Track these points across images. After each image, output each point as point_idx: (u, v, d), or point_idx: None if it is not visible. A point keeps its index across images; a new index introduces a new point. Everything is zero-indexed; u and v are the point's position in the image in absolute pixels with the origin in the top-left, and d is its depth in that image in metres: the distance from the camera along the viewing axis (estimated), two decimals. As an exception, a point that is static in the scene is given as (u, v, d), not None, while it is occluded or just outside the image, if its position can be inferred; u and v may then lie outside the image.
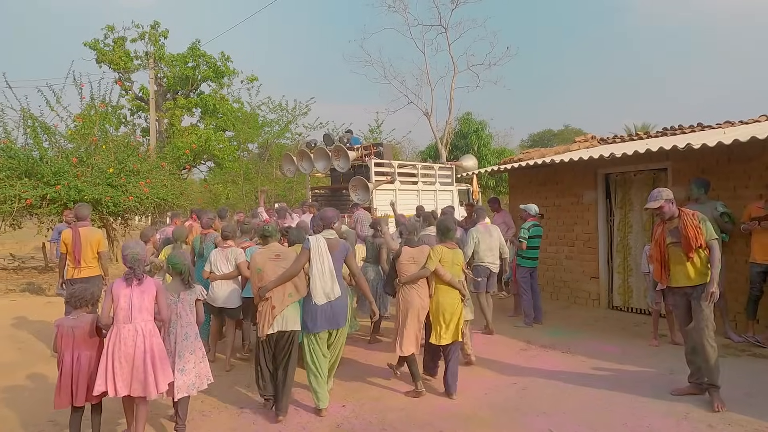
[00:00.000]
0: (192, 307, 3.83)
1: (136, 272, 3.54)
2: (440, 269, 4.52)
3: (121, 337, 3.44)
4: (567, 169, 7.78)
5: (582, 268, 7.80)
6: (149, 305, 3.56)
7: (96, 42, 22.42)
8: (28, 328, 7.33)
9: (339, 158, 9.56)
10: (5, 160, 11.24)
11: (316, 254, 4.12)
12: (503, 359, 5.54)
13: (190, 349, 3.75)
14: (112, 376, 3.41)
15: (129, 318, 3.48)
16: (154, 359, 3.50)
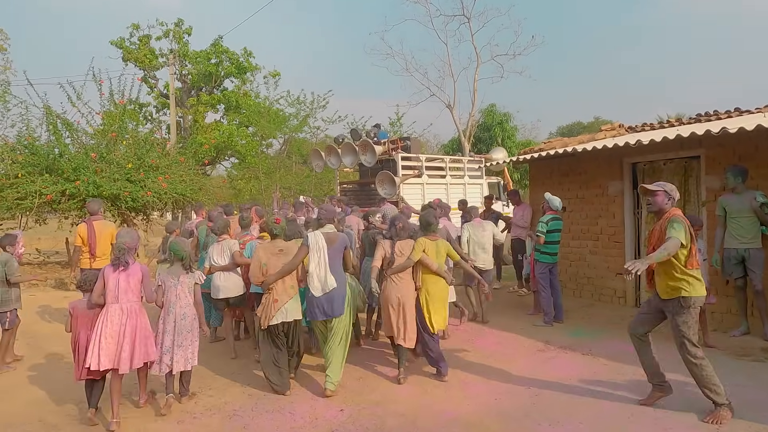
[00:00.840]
0: (191, 290, 4.21)
1: (120, 259, 3.92)
2: (426, 259, 4.70)
3: (109, 315, 3.86)
4: (591, 158, 7.32)
5: (607, 264, 7.34)
6: (135, 288, 3.96)
7: (122, 40, 22.77)
8: (40, 323, 7.35)
9: (366, 153, 9.60)
10: (27, 156, 11.40)
11: (315, 250, 4.38)
12: (518, 360, 5.19)
13: (187, 328, 4.14)
14: (98, 351, 3.77)
15: (116, 298, 3.89)
16: (136, 336, 3.90)
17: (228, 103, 22.68)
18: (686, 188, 6.56)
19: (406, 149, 9.78)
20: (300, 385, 4.66)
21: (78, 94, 12.86)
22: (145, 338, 3.96)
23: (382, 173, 9.22)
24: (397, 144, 9.82)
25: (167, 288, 4.17)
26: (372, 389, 4.56)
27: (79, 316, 3.99)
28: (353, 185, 11.20)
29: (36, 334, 6.74)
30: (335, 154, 10.18)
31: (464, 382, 4.66)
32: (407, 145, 9.85)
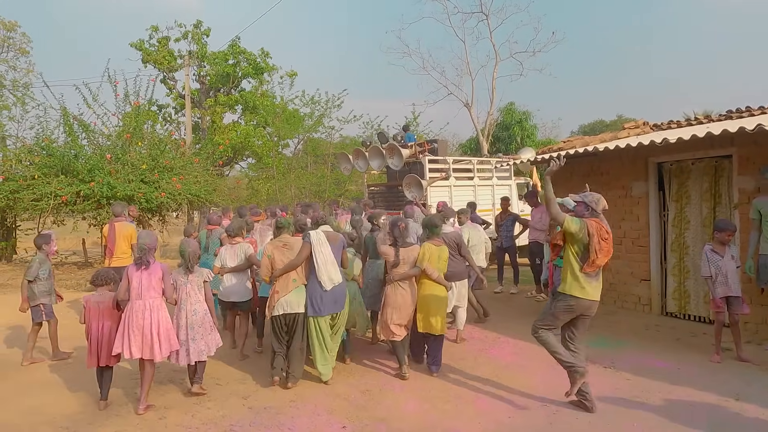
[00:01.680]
0: (200, 287, 4.48)
1: (142, 258, 4.26)
2: (428, 268, 4.78)
3: (134, 310, 4.20)
4: (614, 157, 6.95)
5: (630, 269, 6.95)
6: (156, 285, 4.29)
7: (141, 42, 22.96)
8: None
9: (393, 156, 9.66)
10: (44, 158, 11.48)
11: (317, 246, 4.58)
12: (535, 374, 4.89)
13: (198, 323, 4.39)
14: (127, 342, 4.16)
15: (140, 295, 4.22)
16: (160, 329, 4.22)
17: (245, 103, 22.69)
18: (716, 189, 6.16)
19: (434, 152, 9.80)
20: (301, 398, 4.45)
21: (94, 95, 12.94)
22: (168, 330, 4.30)
23: (409, 176, 9.27)
24: (424, 146, 9.83)
25: (179, 286, 4.45)
26: (377, 403, 4.31)
27: (91, 308, 4.38)
28: (380, 187, 11.28)
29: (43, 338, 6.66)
30: (363, 158, 10.26)
31: (476, 396, 4.39)
32: (434, 148, 9.86)
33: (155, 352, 4.19)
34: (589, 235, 3.88)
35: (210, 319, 4.48)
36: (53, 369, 5.42)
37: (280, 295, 4.59)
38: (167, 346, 4.26)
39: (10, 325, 7.37)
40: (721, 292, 4.93)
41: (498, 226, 8.80)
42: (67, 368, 5.41)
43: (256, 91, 22.83)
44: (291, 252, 4.67)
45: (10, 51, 22.03)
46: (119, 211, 6.77)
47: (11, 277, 11.10)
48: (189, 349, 4.35)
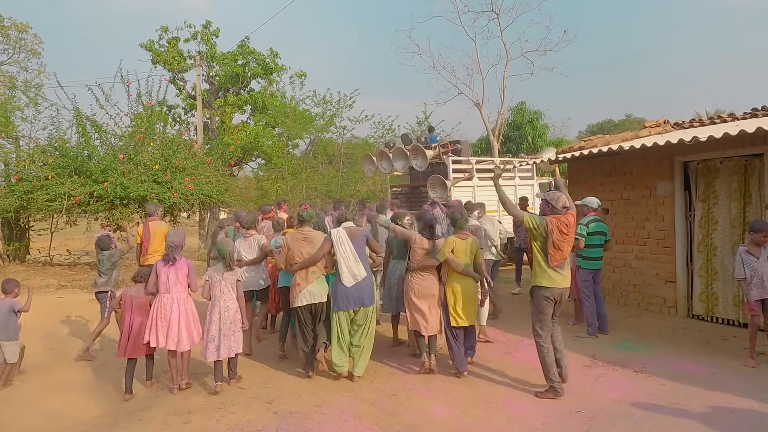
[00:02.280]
0: (233, 286, 4.64)
1: (170, 255, 4.61)
2: (452, 260, 4.77)
3: (162, 303, 4.55)
4: (637, 157, 6.81)
5: (655, 271, 6.81)
6: (182, 280, 4.63)
7: (151, 43, 22.98)
8: (66, 326, 7.24)
9: (417, 157, 9.85)
10: (57, 158, 11.47)
11: (338, 242, 4.67)
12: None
13: (230, 319, 4.56)
14: (155, 331, 4.50)
15: (167, 289, 4.57)
16: (188, 320, 4.58)
17: (255, 103, 22.66)
18: (746, 189, 6.01)
19: (457, 152, 9.93)
20: (327, 403, 4.35)
21: (107, 96, 12.92)
22: (194, 322, 4.65)
23: (433, 177, 9.37)
24: (447, 147, 10.02)
25: (213, 283, 4.62)
26: (405, 408, 4.21)
27: (127, 302, 4.69)
28: (404, 188, 11.47)
29: (61, 339, 6.62)
30: (387, 159, 10.42)
31: (507, 401, 4.28)
32: (457, 148, 10.01)
33: (181, 343, 4.54)
34: (547, 232, 4.20)
35: (240, 317, 4.65)
36: (74, 371, 5.36)
37: (302, 287, 4.68)
38: (193, 336, 4.64)
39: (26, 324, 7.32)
40: (757, 294, 4.78)
41: (516, 227, 8.67)
42: (87, 370, 5.36)
43: (265, 91, 22.82)
44: (311, 245, 4.78)
45: (21, 52, 22.10)
46: (152, 210, 7.07)
47: (25, 277, 11.06)
48: (220, 345, 4.51)
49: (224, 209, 18.87)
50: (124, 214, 11.43)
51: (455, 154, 9.95)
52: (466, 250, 4.83)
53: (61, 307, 8.52)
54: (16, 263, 12.34)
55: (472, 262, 4.89)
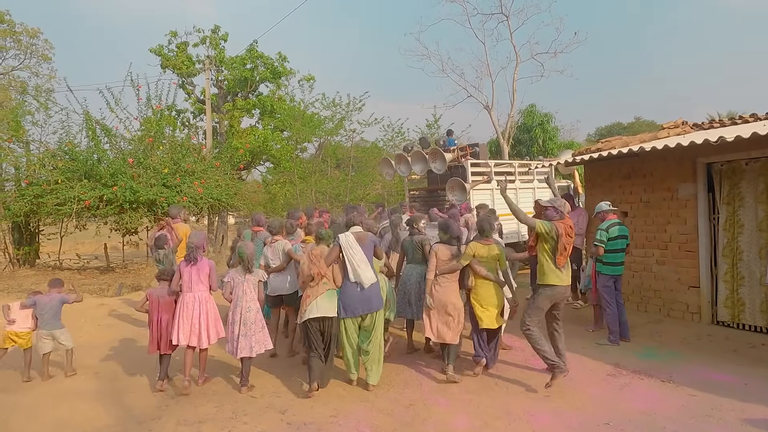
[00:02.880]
0: (255, 287, 4.75)
1: (191, 255, 4.79)
2: (474, 264, 4.85)
3: (185, 302, 4.73)
4: (658, 158, 6.62)
5: (677, 276, 6.60)
6: (204, 279, 4.80)
7: (160, 48, 23.06)
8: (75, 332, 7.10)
9: (435, 160, 9.75)
10: (67, 162, 11.45)
11: (347, 248, 4.62)
12: (588, 387, 4.58)
13: (252, 320, 4.64)
14: (177, 329, 4.68)
15: (190, 288, 4.75)
16: (208, 319, 4.75)
17: (263, 107, 22.64)
18: (773, 191, 5.80)
19: (475, 155, 9.92)
20: (342, 413, 4.20)
21: (117, 99, 12.92)
22: (215, 320, 4.81)
23: (452, 180, 9.37)
24: (466, 150, 9.95)
25: (235, 284, 4.72)
26: (423, 419, 4.05)
27: (153, 301, 4.87)
28: (421, 191, 11.54)
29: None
30: (405, 163, 10.44)
31: (529, 413, 4.10)
32: (476, 152, 10.00)
33: (202, 340, 4.72)
34: (557, 235, 4.50)
35: (261, 317, 4.76)
36: (83, 378, 5.24)
37: (311, 299, 4.61)
38: (214, 334, 4.80)
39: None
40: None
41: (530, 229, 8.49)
42: (96, 378, 5.24)
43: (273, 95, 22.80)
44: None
45: (33, 57, 22.23)
46: (175, 213, 7.28)
47: (34, 281, 11.03)
48: (239, 344, 4.61)
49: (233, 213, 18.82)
50: (133, 218, 11.40)
51: (474, 157, 9.91)
52: (488, 255, 4.87)
53: (71, 312, 8.43)
54: (25, 267, 12.33)
55: (495, 268, 4.92)
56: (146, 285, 10.90)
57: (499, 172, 10.22)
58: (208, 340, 4.76)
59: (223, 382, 5.02)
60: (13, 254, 12.20)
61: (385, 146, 17.97)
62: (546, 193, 10.55)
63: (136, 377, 5.21)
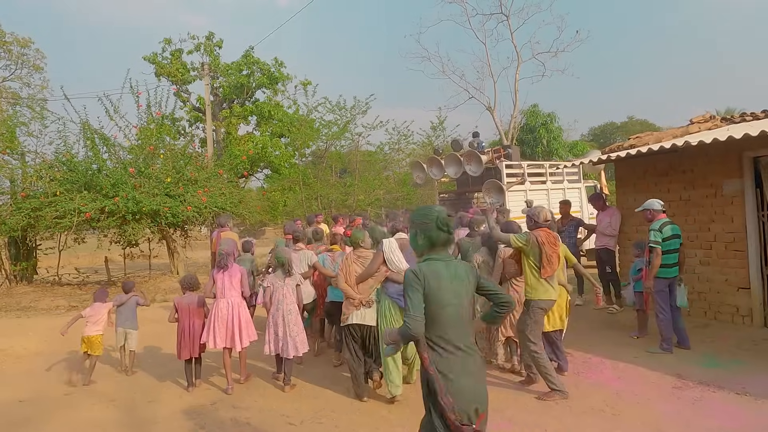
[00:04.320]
0: (294, 290, 4.96)
1: (222, 262, 5.00)
2: None
3: (219, 307, 4.93)
4: (699, 153, 6.29)
5: (725, 277, 6.26)
6: (236, 285, 5.00)
7: (154, 56, 22.61)
8: (82, 353, 6.66)
9: (471, 162, 9.80)
10: (65, 173, 10.96)
11: (389, 252, 4.60)
12: (657, 404, 4.20)
13: (293, 321, 4.85)
14: (213, 334, 4.87)
15: (223, 294, 4.95)
16: (240, 323, 4.92)
17: (260, 114, 22.26)
18: (829, 185, 5.48)
19: (508, 157, 9.93)
20: None
21: (115, 107, 12.46)
22: (247, 323, 4.99)
23: (489, 181, 9.36)
24: (500, 152, 10.00)
25: (275, 288, 4.91)
26: None
27: (182, 308, 5.01)
28: (450, 194, 11.60)
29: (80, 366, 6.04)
30: (437, 165, 10.43)
31: (603, 435, 3.72)
32: (509, 153, 10.01)
33: (236, 342, 4.89)
34: (539, 244, 4.37)
35: (300, 319, 4.97)
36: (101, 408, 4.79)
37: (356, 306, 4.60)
38: (246, 337, 4.96)
39: (40, 351, 6.78)
40: None
41: (559, 233, 8.14)
42: (116, 407, 4.79)
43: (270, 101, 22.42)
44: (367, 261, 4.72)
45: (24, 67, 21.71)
46: (224, 221, 7.49)
47: (34, 299, 10.54)
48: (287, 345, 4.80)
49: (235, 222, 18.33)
50: (136, 229, 10.91)
51: (507, 158, 9.93)
52: None
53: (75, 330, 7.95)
54: (23, 284, 11.79)
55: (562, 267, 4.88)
56: (150, 299, 10.45)
57: (532, 173, 10.20)
58: (241, 342, 4.93)
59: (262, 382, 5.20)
60: (9, 270, 11.66)
61: (390, 150, 17.62)
62: (575, 194, 10.37)
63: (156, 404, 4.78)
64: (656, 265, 5.33)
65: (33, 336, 7.54)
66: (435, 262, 2.41)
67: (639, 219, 7.41)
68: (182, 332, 4.98)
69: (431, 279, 2.35)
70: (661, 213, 5.60)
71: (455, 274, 2.40)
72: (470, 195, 10.20)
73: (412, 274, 2.36)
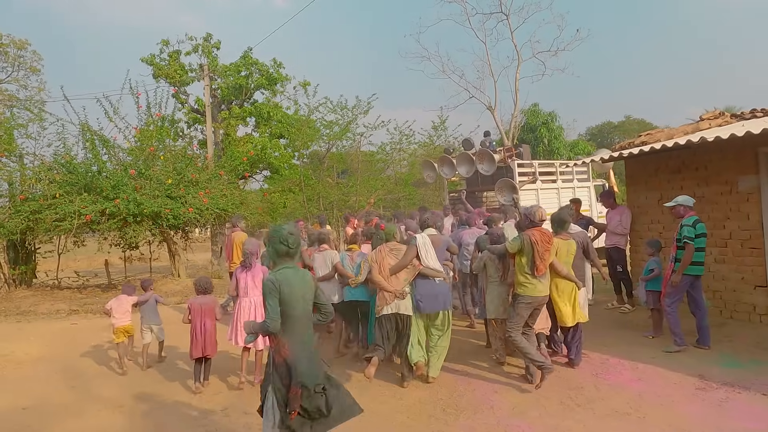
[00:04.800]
0: None
1: (246, 262, 5.09)
2: (556, 264, 4.74)
3: (242, 306, 5.05)
4: (714, 150, 6.20)
5: (741, 275, 6.16)
6: (258, 284, 4.95)
7: (152, 57, 22.45)
8: (87, 358, 6.52)
9: (483, 161, 9.74)
10: (65, 175, 10.81)
11: (423, 248, 4.83)
12: (682, 406, 4.08)
13: None
14: (236, 332, 4.98)
15: (246, 293, 5.06)
16: None
17: (259, 115, 22.12)
18: None
19: (519, 156, 9.96)
20: None
21: (115, 108, 12.30)
22: None
23: (502, 180, 9.37)
24: (511, 151, 10.03)
25: None
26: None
27: (195, 309, 5.09)
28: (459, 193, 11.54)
29: (83, 373, 5.90)
30: (448, 164, 10.43)
31: (631, 439, 3.60)
32: (520, 152, 10.05)
33: (257, 341, 4.85)
34: (532, 243, 4.49)
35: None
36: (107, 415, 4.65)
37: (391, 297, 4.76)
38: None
39: (42, 356, 6.62)
40: None
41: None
42: (122, 414, 4.64)
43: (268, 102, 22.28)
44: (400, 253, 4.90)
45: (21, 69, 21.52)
46: (236, 221, 7.72)
47: (34, 303, 10.38)
48: None
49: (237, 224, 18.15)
50: (137, 231, 10.77)
51: (518, 157, 9.94)
52: (568, 251, 4.85)
53: (77, 335, 7.82)
54: (22, 288, 11.62)
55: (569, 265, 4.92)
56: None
57: (543, 172, 10.24)
58: (263, 341, 4.84)
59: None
60: (8, 274, 11.48)
61: (392, 150, 17.49)
62: (584, 193, 10.33)
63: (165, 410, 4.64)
64: (688, 260, 5.25)
65: (34, 341, 7.39)
66: (285, 270, 2.99)
67: (651, 217, 7.34)
68: (194, 332, 5.05)
69: (284, 286, 2.92)
70: (691, 210, 5.48)
71: (303, 279, 3.03)
72: (479, 194, 10.16)
73: (270, 282, 2.92)
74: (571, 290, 4.87)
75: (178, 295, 10.93)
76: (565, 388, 4.57)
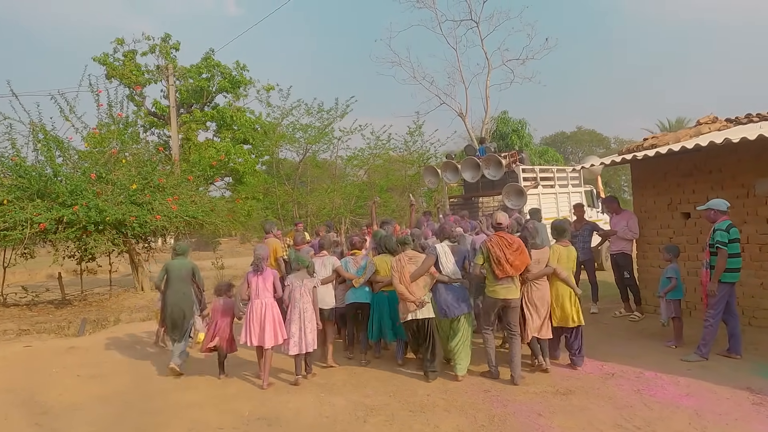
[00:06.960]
0: (310, 291, 5.31)
1: (256, 266, 5.34)
2: (559, 269, 5.06)
3: (254, 308, 5.26)
4: (729, 152, 6.07)
5: (759, 280, 6.04)
6: (269, 287, 5.32)
7: (105, 56, 21.05)
8: (51, 388, 5.59)
9: (489, 167, 9.75)
10: (14, 179, 9.69)
11: (443, 256, 5.10)
12: (747, 424, 3.78)
13: (308, 319, 5.24)
14: (249, 333, 5.21)
15: (257, 295, 5.29)
16: (274, 323, 5.22)
17: (222, 119, 21.15)
18: None
19: (522, 161, 10.05)
20: None
21: (71, 106, 11.23)
22: (280, 323, 5.26)
23: (509, 185, 9.35)
24: (514, 156, 10.11)
25: (294, 288, 5.27)
26: None
27: (219, 308, 5.59)
28: (458, 199, 11.68)
29: (49, 408, 5.01)
30: (451, 170, 10.46)
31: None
32: (522, 158, 10.15)
33: (266, 340, 5.14)
34: (487, 249, 4.81)
35: (315, 318, 5.28)
36: None
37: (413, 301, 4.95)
38: (278, 336, 5.20)
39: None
40: None
41: (573, 237, 7.78)
42: None
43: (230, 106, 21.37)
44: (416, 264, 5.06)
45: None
46: (269, 228, 7.96)
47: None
48: (300, 341, 5.16)
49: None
50: (99, 241, 9.75)
51: (521, 163, 10.03)
52: (568, 257, 5.17)
53: (34, 359, 6.82)
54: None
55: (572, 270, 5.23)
56: (114, 319, 9.35)
57: (543, 177, 10.42)
58: (274, 340, 5.16)
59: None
60: (-54, 291, 10.16)
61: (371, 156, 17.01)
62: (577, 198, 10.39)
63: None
64: (722, 266, 4.99)
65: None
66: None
67: (660, 222, 7.18)
68: (213, 329, 5.54)
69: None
70: (724, 214, 5.24)
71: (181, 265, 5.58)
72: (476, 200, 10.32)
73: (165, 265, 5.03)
74: (570, 293, 5.10)
75: (143, 310, 9.97)
76: (613, 408, 4.19)
